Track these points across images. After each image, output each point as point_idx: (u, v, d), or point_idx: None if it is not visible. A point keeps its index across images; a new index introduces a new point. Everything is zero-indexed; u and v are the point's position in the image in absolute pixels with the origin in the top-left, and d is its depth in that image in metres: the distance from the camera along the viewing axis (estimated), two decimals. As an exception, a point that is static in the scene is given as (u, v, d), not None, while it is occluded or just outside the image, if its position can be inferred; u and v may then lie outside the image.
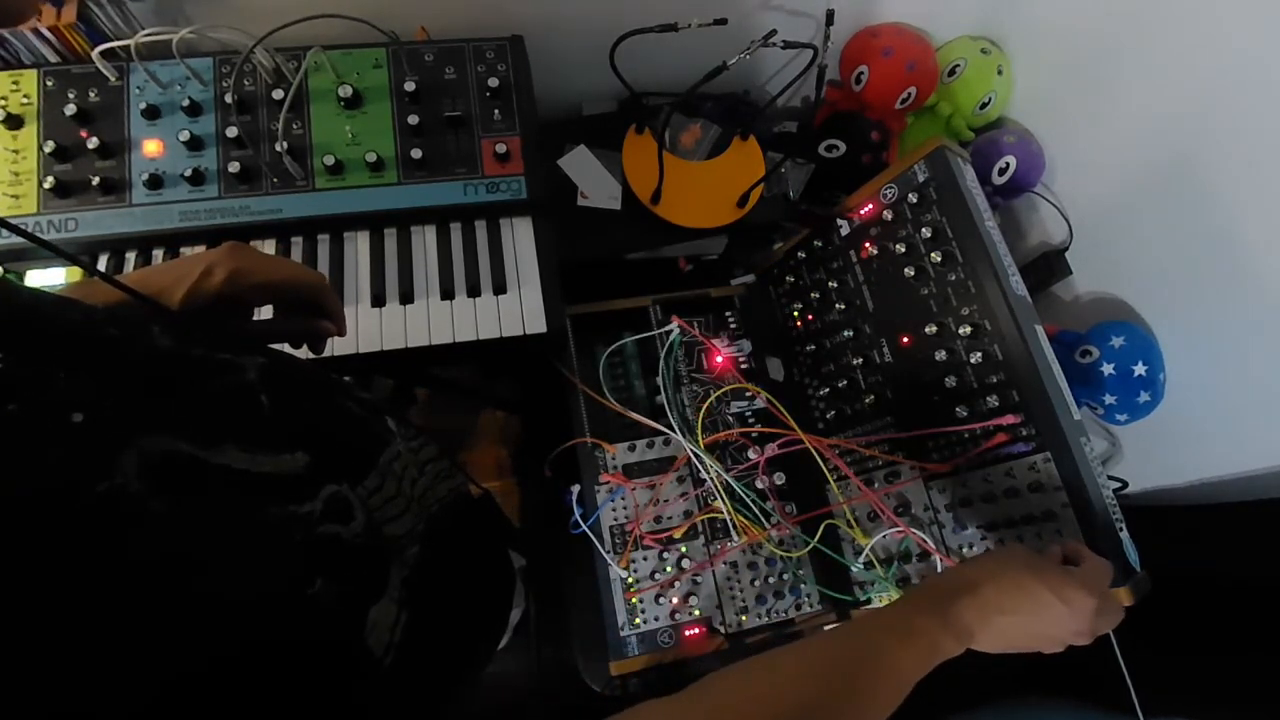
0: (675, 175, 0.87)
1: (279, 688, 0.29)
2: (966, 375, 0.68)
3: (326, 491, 0.35)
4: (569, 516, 0.77)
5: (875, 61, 0.98)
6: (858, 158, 1.01)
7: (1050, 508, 0.61)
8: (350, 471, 0.39)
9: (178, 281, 0.43)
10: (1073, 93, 0.91)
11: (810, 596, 0.77)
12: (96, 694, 0.23)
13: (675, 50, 0.81)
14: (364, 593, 0.36)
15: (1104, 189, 0.86)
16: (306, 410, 0.40)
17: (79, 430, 0.25)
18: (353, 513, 0.36)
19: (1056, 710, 0.90)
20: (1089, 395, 0.79)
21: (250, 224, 0.72)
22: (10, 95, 0.70)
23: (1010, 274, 0.68)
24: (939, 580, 0.49)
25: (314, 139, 0.74)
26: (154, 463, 0.27)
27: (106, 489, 0.25)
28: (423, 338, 0.72)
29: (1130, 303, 0.82)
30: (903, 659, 0.42)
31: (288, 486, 0.33)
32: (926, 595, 0.47)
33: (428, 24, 0.85)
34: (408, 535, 0.42)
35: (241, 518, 0.30)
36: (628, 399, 0.84)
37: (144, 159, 0.72)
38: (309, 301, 0.51)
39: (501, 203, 0.76)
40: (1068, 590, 0.45)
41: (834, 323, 0.82)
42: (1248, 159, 0.68)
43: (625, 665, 0.73)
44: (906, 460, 0.72)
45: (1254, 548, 0.81)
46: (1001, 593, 0.45)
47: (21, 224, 0.68)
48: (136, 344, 0.33)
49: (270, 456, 0.33)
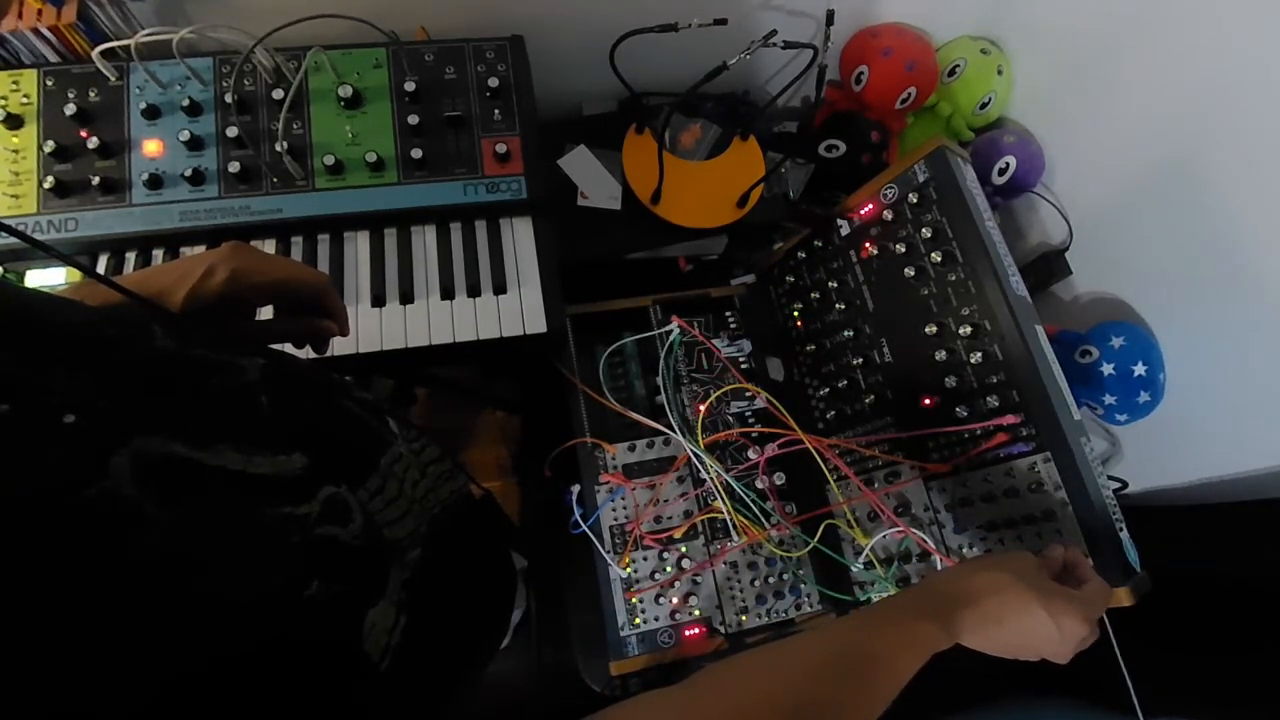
0: (675, 175, 0.87)
1: (275, 689, 0.29)
2: (966, 375, 0.68)
3: (324, 493, 0.35)
4: (569, 516, 0.77)
5: (875, 61, 0.98)
6: (858, 158, 1.01)
7: (1050, 508, 0.61)
8: (351, 473, 0.39)
9: (179, 282, 0.43)
10: (1073, 93, 0.91)
11: (810, 596, 0.77)
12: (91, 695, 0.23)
13: (675, 50, 0.81)
14: (362, 595, 0.35)
15: (1104, 189, 0.86)
16: (307, 411, 0.40)
17: (71, 431, 0.25)
18: (351, 514, 0.36)
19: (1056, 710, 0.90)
20: (1089, 395, 0.79)
21: (250, 224, 0.72)
22: (10, 95, 0.70)
23: (1010, 274, 0.68)
24: (942, 585, 0.48)
25: (314, 139, 0.74)
26: (148, 465, 0.26)
27: (96, 492, 0.24)
28: (423, 338, 0.72)
29: (1130, 303, 0.82)
30: (903, 661, 0.42)
31: (285, 488, 0.33)
32: (929, 600, 0.47)
33: (428, 24, 0.85)
34: (409, 537, 0.42)
35: (238, 519, 0.30)
36: (628, 399, 0.84)
37: (144, 159, 0.72)
38: (311, 301, 0.51)
39: (501, 203, 0.76)
40: (1067, 620, 0.46)
41: (834, 323, 0.82)
42: (1248, 159, 0.68)
43: (625, 665, 0.73)
44: (906, 460, 0.72)
45: (1254, 548, 0.81)
46: (1003, 608, 0.45)
47: (21, 224, 0.69)
48: (136, 344, 0.33)
49: (267, 458, 0.33)
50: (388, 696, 0.36)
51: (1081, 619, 0.46)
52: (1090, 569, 0.54)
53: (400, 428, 0.49)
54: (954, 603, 0.46)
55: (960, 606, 0.45)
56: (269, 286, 0.47)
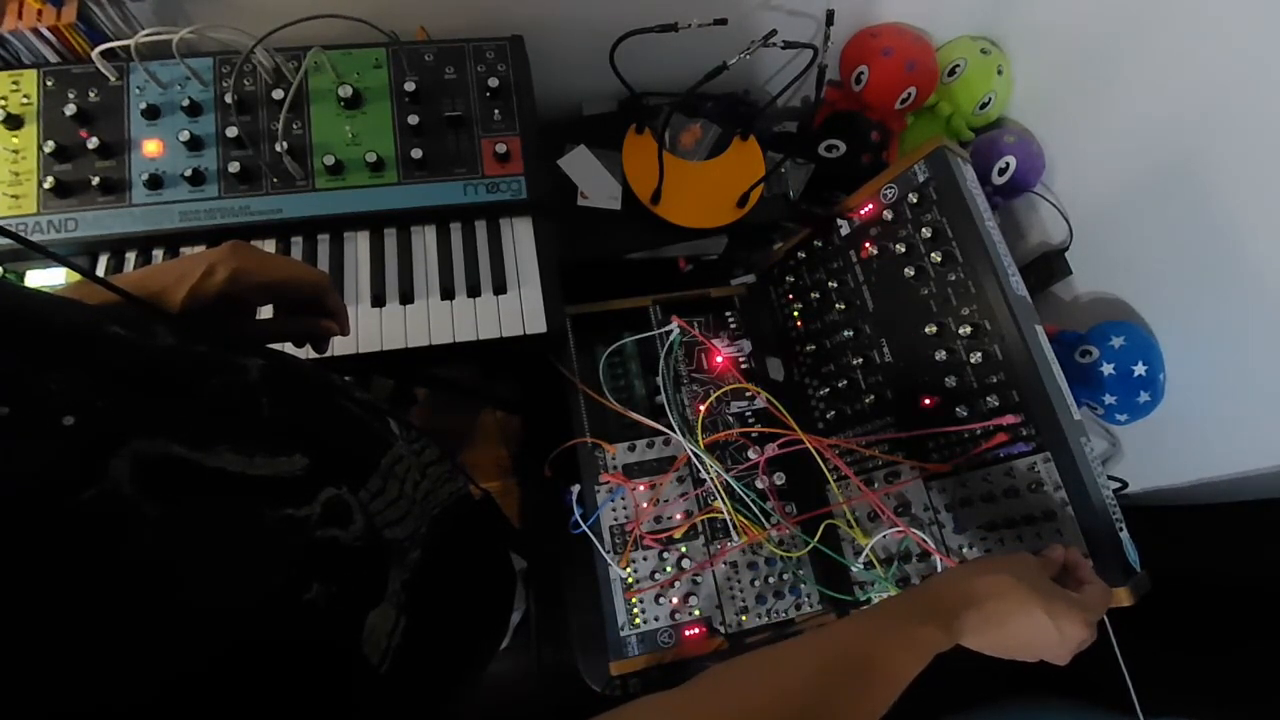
0: (675, 175, 0.87)
1: (273, 691, 0.29)
2: (966, 375, 0.68)
3: (325, 495, 0.35)
4: (569, 516, 0.77)
5: (875, 61, 0.98)
6: (858, 158, 1.01)
7: (1050, 508, 0.61)
8: (351, 474, 0.39)
9: (179, 281, 0.43)
10: (1073, 93, 0.91)
11: (810, 596, 0.77)
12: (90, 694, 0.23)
13: (675, 50, 0.81)
14: (362, 597, 0.35)
15: (1104, 189, 0.86)
16: (307, 412, 0.40)
17: (70, 433, 0.25)
18: (352, 516, 0.36)
19: (1056, 710, 0.90)
20: (1089, 395, 0.79)
21: (250, 224, 0.72)
22: (10, 95, 0.70)
23: (1010, 274, 0.68)
24: (943, 587, 0.48)
25: (314, 139, 0.74)
26: (148, 466, 0.26)
27: (95, 494, 0.24)
28: (423, 338, 0.72)
29: (1130, 303, 0.82)
30: (903, 664, 0.42)
31: (285, 489, 0.33)
32: (930, 602, 0.47)
33: (428, 24, 0.85)
34: (410, 538, 0.42)
35: (238, 521, 0.30)
36: (628, 399, 0.84)
37: (144, 159, 0.72)
38: (311, 301, 0.50)
39: (501, 203, 0.76)
40: (1067, 623, 0.46)
41: (834, 323, 0.82)
42: (1248, 159, 0.68)
43: (625, 665, 0.73)
44: (906, 460, 0.72)
45: (1254, 548, 0.81)
46: (1005, 611, 0.46)
47: (21, 224, 0.69)
48: (138, 341, 0.33)
49: (267, 459, 0.32)
50: (386, 698, 0.36)
51: (1082, 622, 0.46)
52: (1090, 570, 0.54)
53: (400, 429, 0.49)
54: (955, 605, 0.46)
55: (961, 609, 0.45)
56: (269, 286, 0.47)
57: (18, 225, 0.69)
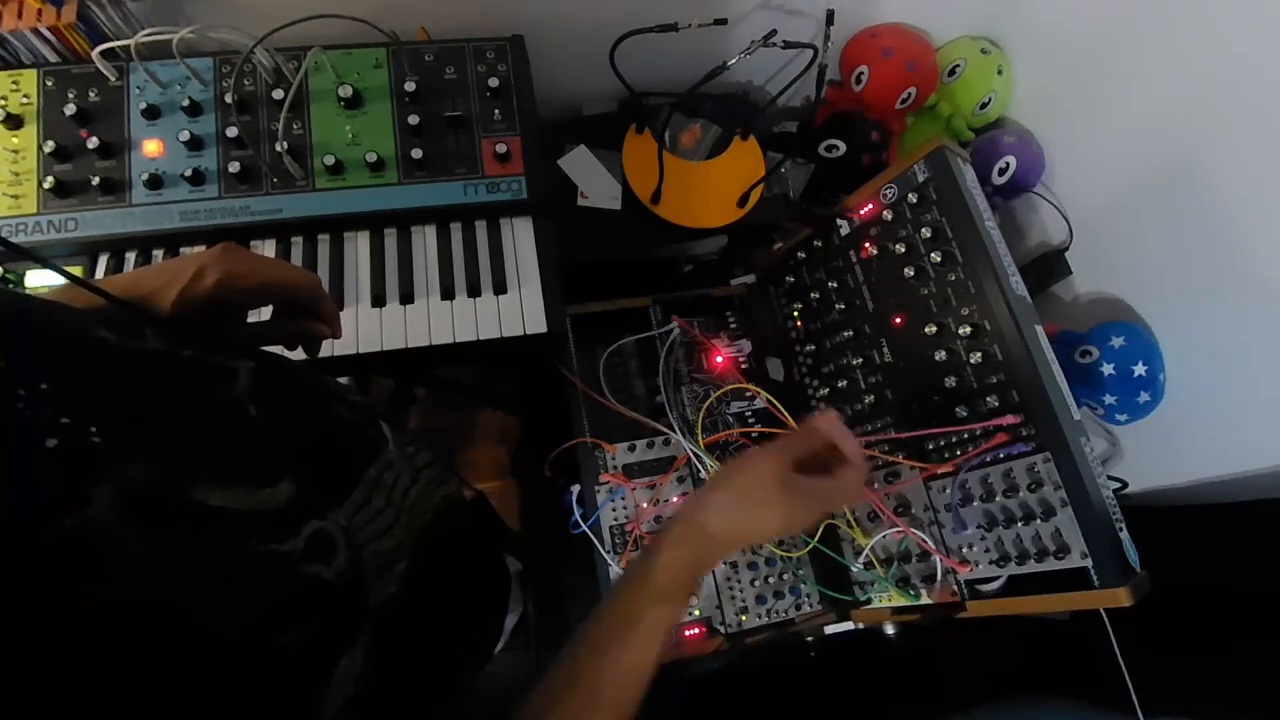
0: (675, 175, 0.87)
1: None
2: (966, 375, 0.68)
3: (309, 529, 0.34)
4: (569, 516, 0.77)
5: (875, 61, 0.98)
6: (858, 158, 1.01)
7: (1050, 507, 0.61)
8: (337, 491, 0.38)
9: (169, 283, 0.42)
10: (1073, 93, 0.91)
11: (810, 596, 0.77)
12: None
13: (675, 50, 0.81)
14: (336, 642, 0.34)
15: (1104, 189, 0.86)
16: (296, 421, 0.39)
17: (52, 457, 0.24)
18: (335, 550, 0.35)
19: (1056, 710, 0.90)
20: (1089, 395, 0.79)
21: (250, 224, 0.72)
22: (10, 95, 0.70)
23: (1010, 274, 0.68)
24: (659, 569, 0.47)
25: (314, 139, 0.74)
26: (130, 495, 0.26)
27: (74, 523, 0.24)
28: (423, 338, 0.72)
29: (1130, 303, 0.82)
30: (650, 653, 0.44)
31: (269, 523, 0.32)
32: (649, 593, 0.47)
33: (428, 24, 0.85)
34: (396, 550, 0.41)
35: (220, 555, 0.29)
36: (628, 399, 0.84)
37: (144, 159, 0.72)
38: (303, 304, 0.50)
39: (501, 203, 0.76)
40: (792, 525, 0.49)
41: (834, 323, 0.82)
42: (1247, 159, 0.69)
43: (625, 665, 0.72)
44: (906, 460, 0.72)
45: (1254, 548, 0.81)
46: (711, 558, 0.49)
47: (21, 224, 0.69)
48: (127, 345, 0.32)
49: (250, 492, 0.32)
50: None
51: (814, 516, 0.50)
52: (852, 444, 0.50)
53: (393, 431, 0.49)
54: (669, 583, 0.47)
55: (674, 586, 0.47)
56: (260, 289, 0.46)
57: (18, 225, 0.69)
